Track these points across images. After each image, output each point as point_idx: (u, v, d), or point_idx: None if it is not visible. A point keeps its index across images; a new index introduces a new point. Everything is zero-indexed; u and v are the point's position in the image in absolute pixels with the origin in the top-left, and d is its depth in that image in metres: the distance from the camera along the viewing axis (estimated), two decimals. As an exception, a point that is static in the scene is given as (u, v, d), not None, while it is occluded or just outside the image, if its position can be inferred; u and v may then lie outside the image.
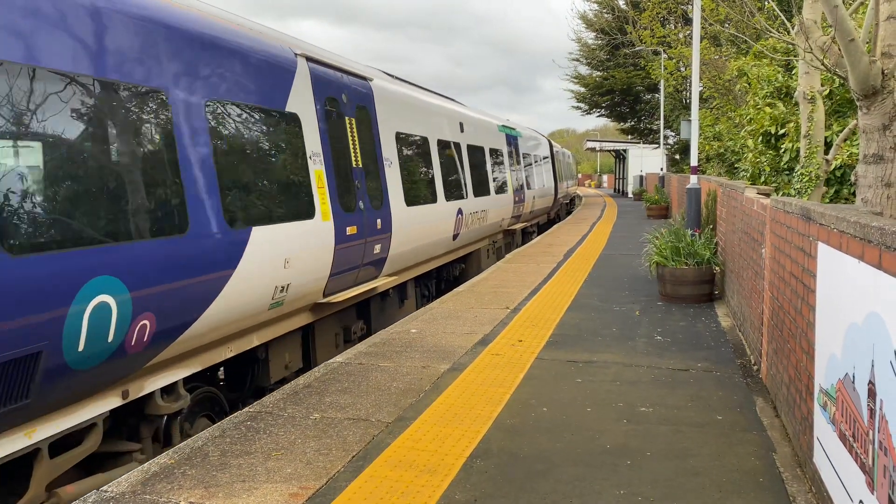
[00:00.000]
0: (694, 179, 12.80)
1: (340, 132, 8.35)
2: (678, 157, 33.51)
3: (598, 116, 48.66)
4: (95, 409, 4.92)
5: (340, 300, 8.00)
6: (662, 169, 33.32)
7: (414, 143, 11.21)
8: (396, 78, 12.17)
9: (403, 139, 10.68)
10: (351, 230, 8.13)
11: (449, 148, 13.10)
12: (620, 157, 54.51)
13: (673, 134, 34.96)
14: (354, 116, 8.80)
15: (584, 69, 43.96)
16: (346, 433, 5.08)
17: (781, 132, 10.82)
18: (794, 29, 7.65)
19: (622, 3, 36.66)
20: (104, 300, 4.59)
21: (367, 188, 8.82)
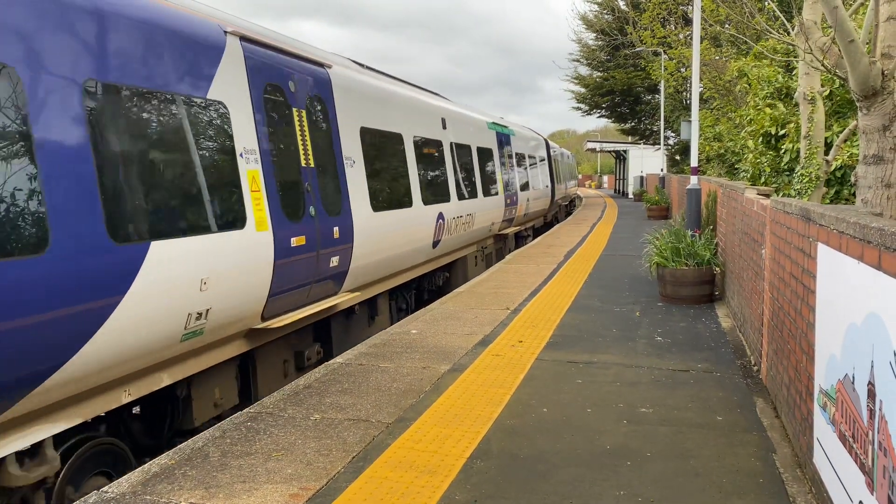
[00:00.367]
0: (694, 180, 12.81)
1: (286, 126, 7.16)
2: (678, 157, 33.56)
3: (598, 117, 48.73)
4: None
5: (284, 324, 6.86)
6: (663, 170, 33.31)
7: (385, 140, 9.94)
8: (367, 67, 10.76)
9: (371, 136, 9.39)
10: (297, 241, 6.98)
11: (428, 146, 11.88)
12: (621, 157, 54.52)
13: (673, 135, 35.00)
14: (306, 108, 7.58)
15: (584, 70, 44.09)
16: (346, 434, 5.09)
17: (782, 133, 10.84)
18: (794, 30, 7.66)
19: (622, 3, 36.72)
20: None
21: (320, 192, 7.60)
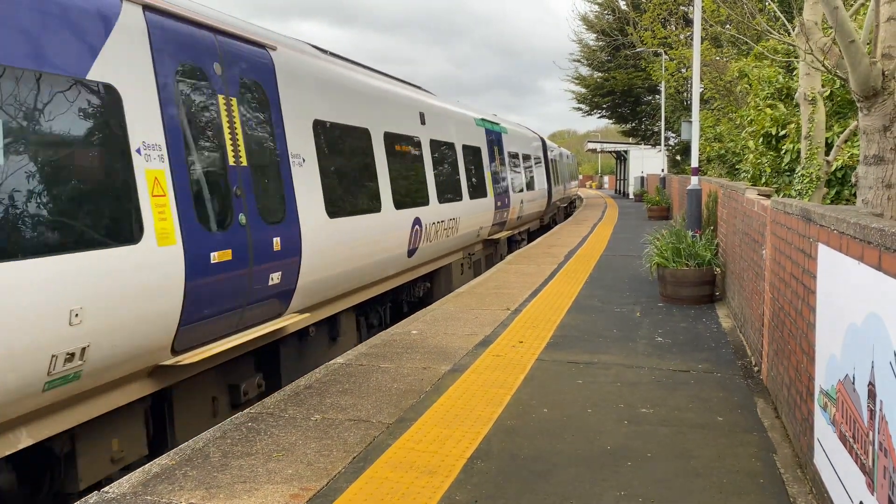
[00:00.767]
0: (695, 180, 12.80)
1: (207, 117, 6.00)
2: (679, 158, 33.55)
3: (599, 118, 48.74)
4: None
5: (204, 357, 5.65)
6: (663, 170, 33.31)
7: (347, 135, 8.66)
8: (331, 53, 9.42)
9: (329, 130, 8.14)
10: (221, 256, 5.88)
11: (403, 143, 10.58)
12: (621, 158, 54.54)
13: (674, 135, 34.99)
14: (238, 95, 6.40)
15: (584, 70, 44.08)
16: (346, 434, 5.09)
17: (782, 133, 10.84)
18: (794, 30, 7.66)
19: (623, 4, 36.73)
20: None
21: (256, 196, 6.44)
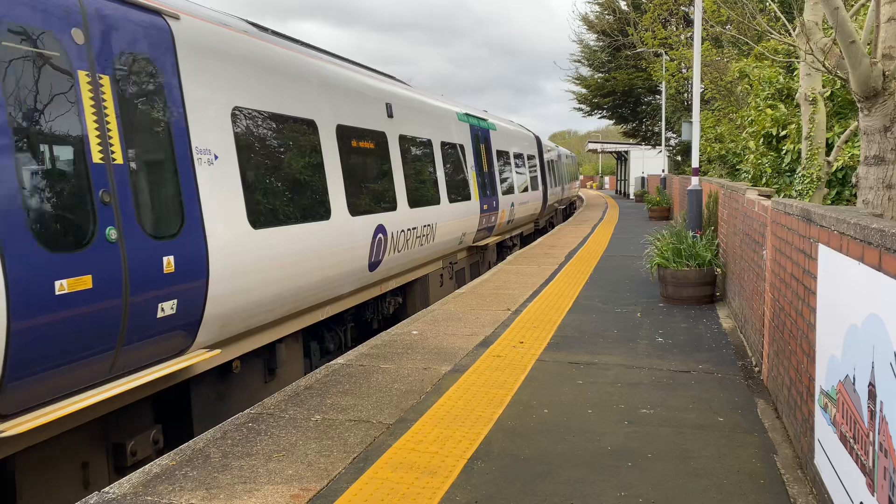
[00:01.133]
0: (695, 181, 12.80)
1: (57, 98, 4.74)
2: (680, 158, 33.54)
3: (599, 118, 48.73)
4: None
5: (40, 424, 4.34)
6: (664, 171, 33.32)
7: (284, 128, 7.28)
8: (271, 31, 7.89)
9: (256, 121, 6.81)
10: (73, 285, 4.51)
11: (362, 138, 9.30)
12: (622, 158, 54.54)
13: (674, 136, 34.99)
14: (114, 73, 5.09)
15: (585, 71, 44.06)
16: (347, 435, 5.09)
17: (783, 134, 10.84)
18: (795, 31, 7.67)
19: (623, 4, 36.73)
20: None
21: (135, 202, 5.13)
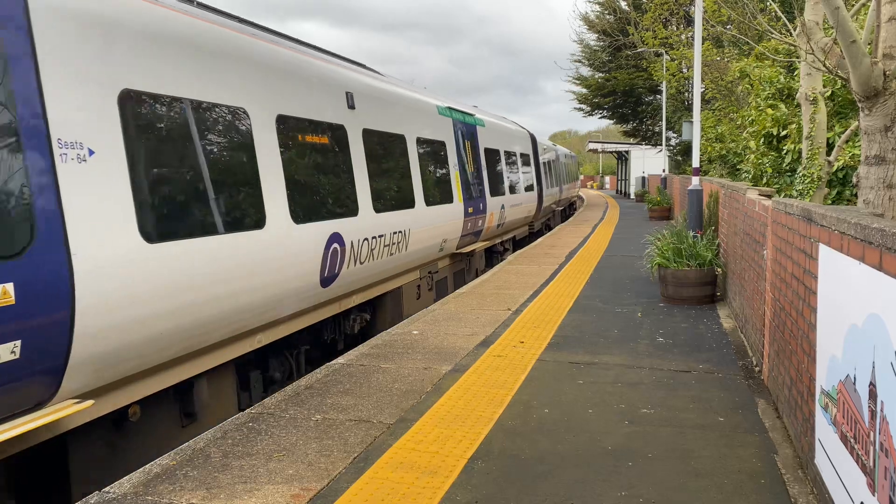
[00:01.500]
0: (696, 181, 12.79)
1: None
2: (680, 158, 33.52)
3: (600, 118, 48.71)
4: None
5: None
6: (664, 170, 33.31)
7: (199, 118, 6.02)
8: (196, 4, 6.83)
9: (158, 109, 5.61)
10: None
11: (313, 132, 7.98)
12: (622, 158, 54.52)
13: (675, 135, 34.98)
14: None
15: (585, 70, 44.05)
16: (347, 434, 5.09)
17: (783, 134, 10.83)
18: (795, 30, 7.66)
19: (624, 4, 36.72)
20: None
21: None
